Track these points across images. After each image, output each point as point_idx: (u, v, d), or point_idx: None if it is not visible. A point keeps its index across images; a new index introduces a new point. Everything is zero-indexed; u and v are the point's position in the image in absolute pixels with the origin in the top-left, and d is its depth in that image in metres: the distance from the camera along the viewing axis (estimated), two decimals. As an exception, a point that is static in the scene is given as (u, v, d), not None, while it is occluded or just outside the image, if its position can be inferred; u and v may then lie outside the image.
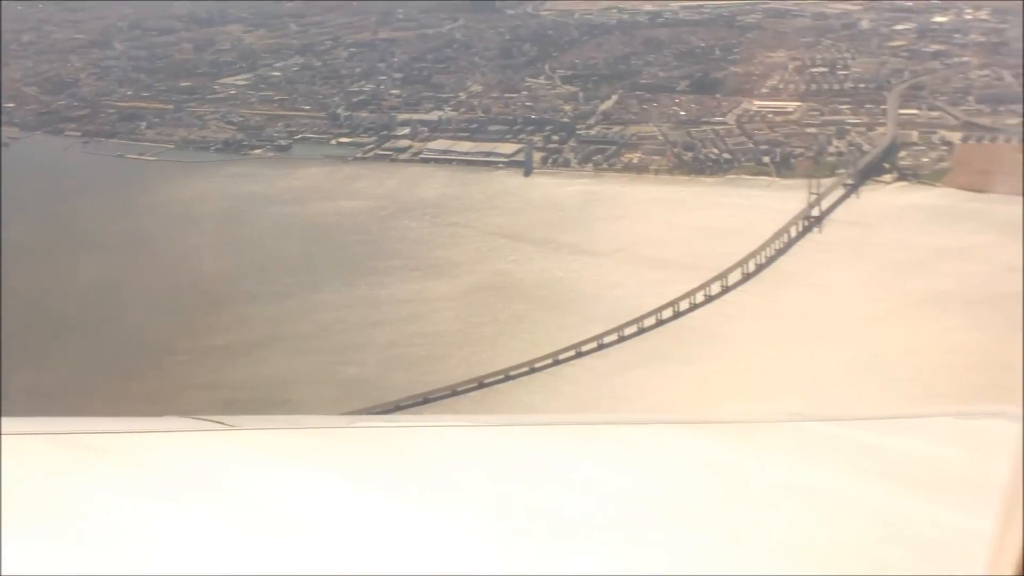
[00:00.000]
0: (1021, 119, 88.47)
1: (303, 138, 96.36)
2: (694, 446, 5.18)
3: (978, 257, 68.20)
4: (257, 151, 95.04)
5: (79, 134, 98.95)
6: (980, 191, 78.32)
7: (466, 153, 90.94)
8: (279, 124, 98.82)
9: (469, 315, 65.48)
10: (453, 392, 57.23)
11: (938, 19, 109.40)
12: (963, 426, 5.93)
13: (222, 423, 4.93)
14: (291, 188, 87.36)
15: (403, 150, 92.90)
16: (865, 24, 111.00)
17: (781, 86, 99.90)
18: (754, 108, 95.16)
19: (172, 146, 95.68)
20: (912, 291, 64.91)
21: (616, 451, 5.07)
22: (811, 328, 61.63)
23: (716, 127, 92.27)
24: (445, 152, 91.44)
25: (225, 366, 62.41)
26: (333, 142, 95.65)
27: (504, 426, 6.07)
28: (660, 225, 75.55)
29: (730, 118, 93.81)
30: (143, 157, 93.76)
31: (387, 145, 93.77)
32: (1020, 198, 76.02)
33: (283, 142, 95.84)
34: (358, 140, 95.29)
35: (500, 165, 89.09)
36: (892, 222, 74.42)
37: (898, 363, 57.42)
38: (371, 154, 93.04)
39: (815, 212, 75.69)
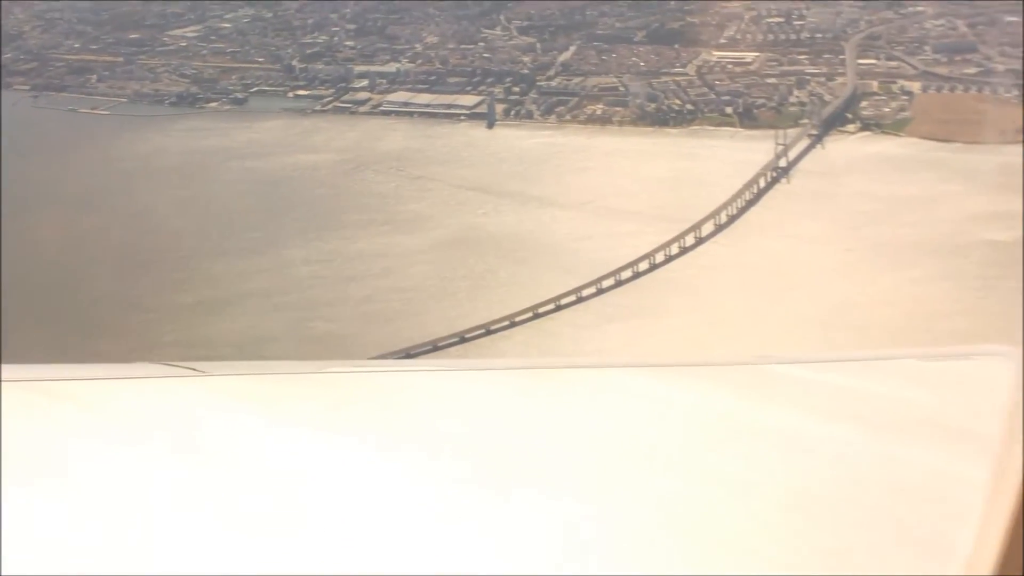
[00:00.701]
0: (979, 69, 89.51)
1: (259, 91, 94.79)
2: (663, 389, 5.22)
3: (944, 207, 68.91)
4: (213, 104, 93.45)
5: (28, 88, 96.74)
6: (943, 140, 79.08)
7: (427, 105, 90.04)
8: (233, 77, 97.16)
9: (443, 269, 65.05)
10: (434, 347, 56.90)
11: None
12: (929, 368, 6.04)
13: (193, 369, 4.86)
14: (250, 142, 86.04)
15: (362, 102, 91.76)
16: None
17: (739, 36, 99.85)
18: (713, 59, 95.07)
19: (125, 100, 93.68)
20: (881, 241, 65.45)
21: (590, 396, 5.09)
22: (784, 278, 62.01)
23: (677, 78, 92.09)
24: (405, 104, 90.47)
25: (196, 323, 61.59)
26: (290, 95, 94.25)
27: (477, 371, 6.13)
28: (628, 177, 75.44)
29: (690, 69, 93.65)
30: (96, 111, 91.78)
31: (345, 98, 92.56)
32: (981, 147, 77.20)
33: (239, 95, 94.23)
34: (315, 92, 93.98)
35: (462, 117, 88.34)
36: (858, 172, 74.91)
37: (870, 312, 58.04)
38: (330, 107, 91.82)
39: (782, 163, 75.98)
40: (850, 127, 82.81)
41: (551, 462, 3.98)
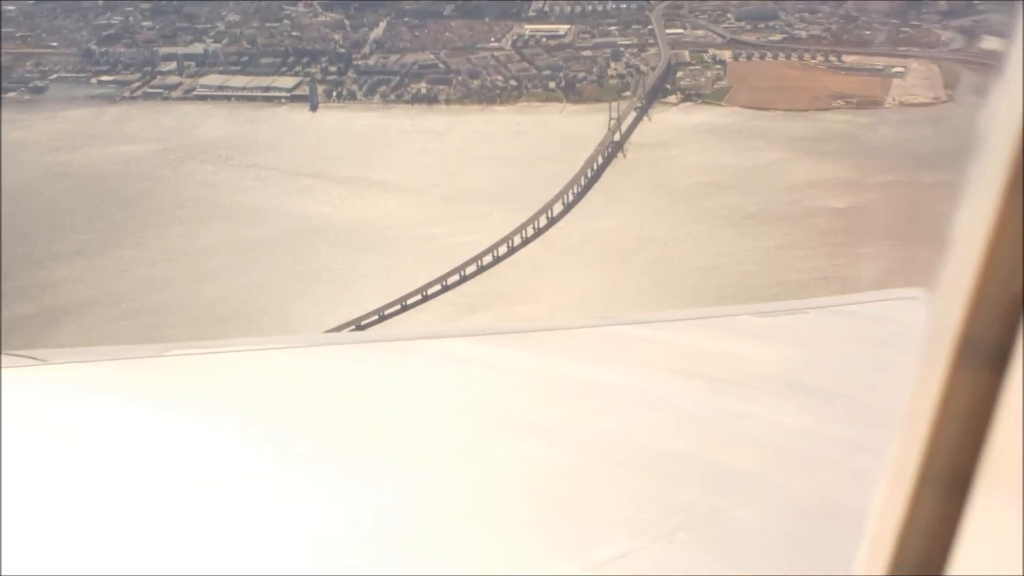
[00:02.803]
0: (784, 36, 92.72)
1: (59, 78, 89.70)
2: (502, 354, 5.34)
3: (779, 175, 71.14)
4: (10, 94, 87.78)
5: None
6: (761, 108, 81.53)
7: (243, 88, 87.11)
8: (27, 63, 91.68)
9: (297, 263, 62.93)
10: (308, 347, 55.14)
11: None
12: (762, 323, 6.41)
13: (33, 358, 4.83)
14: (56, 133, 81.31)
15: (173, 87, 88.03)
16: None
17: (547, 9, 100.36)
18: (527, 32, 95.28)
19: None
20: (727, 211, 67.08)
21: (434, 365, 5.16)
22: (643, 254, 62.79)
23: (495, 53, 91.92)
24: (220, 88, 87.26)
25: (41, 336, 57.63)
26: (93, 80, 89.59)
27: (317, 346, 6.15)
28: (466, 157, 74.94)
29: (506, 43, 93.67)
30: None
31: (155, 82, 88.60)
32: (799, 114, 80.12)
33: (38, 83, 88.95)
34: (120, 78, 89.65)
35: (282, 100, 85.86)
36: (689, 143, 76.54)
37: (734, 282, 59.34)
38: (139, 93, 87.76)
39: (616, 137, 76.83)
40: (671, 98, 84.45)
41: (401, 433, 3.97)
